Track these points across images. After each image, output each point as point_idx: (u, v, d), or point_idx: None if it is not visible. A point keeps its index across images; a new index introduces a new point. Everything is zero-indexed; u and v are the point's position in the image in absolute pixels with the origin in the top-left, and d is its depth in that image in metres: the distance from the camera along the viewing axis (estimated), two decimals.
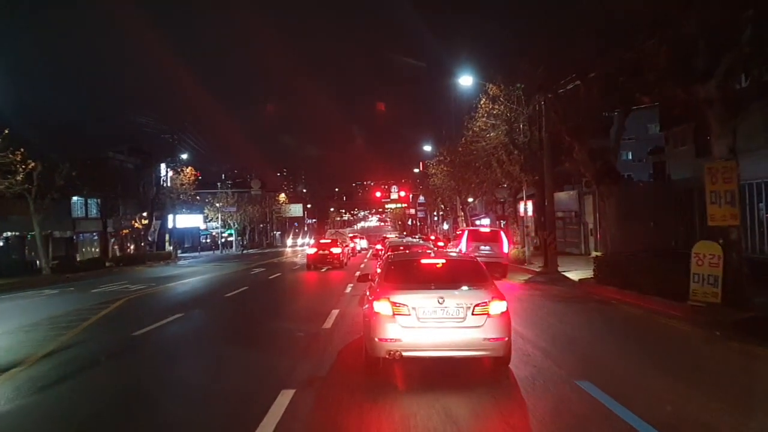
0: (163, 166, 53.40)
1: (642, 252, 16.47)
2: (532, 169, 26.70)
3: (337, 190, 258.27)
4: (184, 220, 68.10)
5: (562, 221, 36.47)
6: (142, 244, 50.54)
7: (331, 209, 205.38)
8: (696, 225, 28.70)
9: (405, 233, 76.65)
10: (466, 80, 27.38)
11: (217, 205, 72.96)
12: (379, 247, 38.38)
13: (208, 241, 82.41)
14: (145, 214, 49.75)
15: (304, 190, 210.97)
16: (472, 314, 7.48)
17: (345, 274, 26.36)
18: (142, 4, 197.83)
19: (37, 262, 34.71)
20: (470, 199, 49.27)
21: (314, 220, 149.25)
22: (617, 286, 16.13)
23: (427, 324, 7.48)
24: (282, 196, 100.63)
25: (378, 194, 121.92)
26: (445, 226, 63.82)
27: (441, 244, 37.31)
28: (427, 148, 57.66)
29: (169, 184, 52.65)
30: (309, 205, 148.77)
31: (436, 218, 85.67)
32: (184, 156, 53.92)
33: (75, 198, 44.72)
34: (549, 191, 24.57)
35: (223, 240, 77.45)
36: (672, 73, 12.50)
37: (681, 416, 6.12)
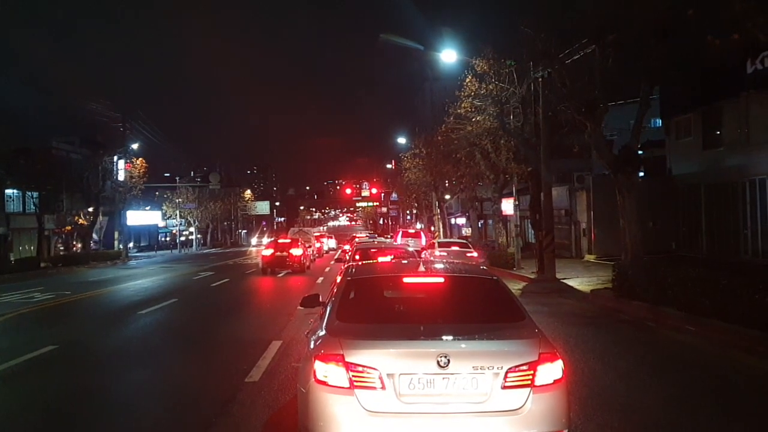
0: (115, 158, 48.72)
1: (668, 258, 13.25)
2: (525, 159, 23.03)
3: (308, 188, 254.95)
4: (141, 217, 64.02)
5: None
6: (91, 242, 46.03)
7: (301, 207, 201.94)
8: (702, 224, 25.52)
9: (376, 233, 72.67)
10: (449, 56, 23.41)
11: (177, 200, 68.49)
12: (347, 248, 34.23)
13: (167, 239, 77.67)
14: (91, 209, 45.17)
15: (275, 188, 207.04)
16: (503, 387, 4.02)
17: (305, 281, 22.34)
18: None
19: None
20: (447, 197, 45.74)
21: (283, 219, 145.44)
22: (648, 301, 12.76)
23: (417, 407, 4.00)
24: (248, 193, 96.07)
25: (348, 191, 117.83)
26: (419, 226, 60.16)
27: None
28: (402, 140, 53.79)
29: (122, 178, 48.03)
30: (278, 203, 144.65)
31: (409, 218, 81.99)
32: (135, 146, 49.17)
33: (10, 191, 40.86)
34: (546, 184, 20.90)
35: (183, 238, 72.73)
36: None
37: None
